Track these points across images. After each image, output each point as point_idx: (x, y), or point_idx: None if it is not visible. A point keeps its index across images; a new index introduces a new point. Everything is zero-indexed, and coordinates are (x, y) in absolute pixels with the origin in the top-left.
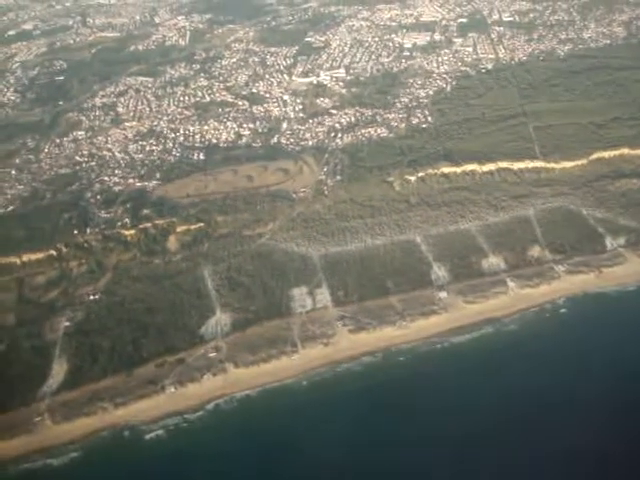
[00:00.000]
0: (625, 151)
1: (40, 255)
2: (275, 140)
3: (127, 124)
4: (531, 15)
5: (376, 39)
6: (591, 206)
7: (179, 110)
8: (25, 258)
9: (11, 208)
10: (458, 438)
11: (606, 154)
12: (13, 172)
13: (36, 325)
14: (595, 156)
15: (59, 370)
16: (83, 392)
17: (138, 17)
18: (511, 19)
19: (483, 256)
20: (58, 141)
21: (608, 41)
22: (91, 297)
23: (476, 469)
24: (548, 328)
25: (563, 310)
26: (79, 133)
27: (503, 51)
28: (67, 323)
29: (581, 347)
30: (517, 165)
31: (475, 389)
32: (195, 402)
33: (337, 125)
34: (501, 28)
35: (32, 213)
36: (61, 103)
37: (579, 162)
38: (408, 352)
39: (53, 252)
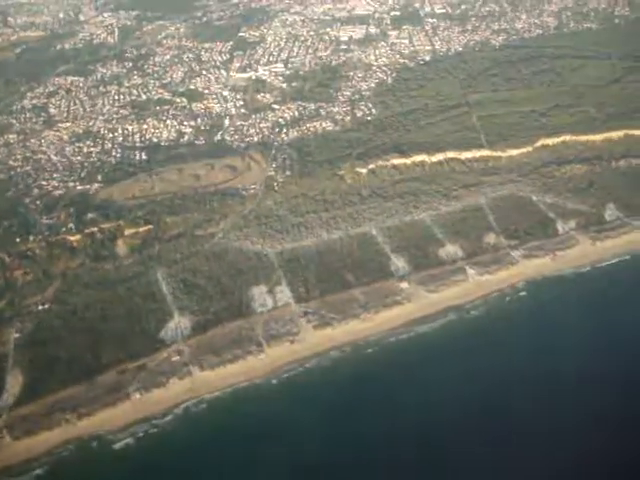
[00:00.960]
0: (567, 138)
1: None
2: (219, 137)
3: (61, 125)
4: (463, 7)
5: (311, 33)
6: (540, 192)
7: (115, 109)
8: None
9: None
10: (433, 427)
11: (550, 141)
12: None
13: None
14: (539, 143)
15: (14, 383)
16: (42, 404)
17: (62, 15)
18: (443, 11)
19: (440, 245)
20: None
21: (540, 31)
22: (40, 307)
23: (450, 458)
24: (511, 312)
25: (523, 293)
26: (10, 137)
27: (439, 43)
28: (17, 334)
29: (545, 328)
30: (465, 155)
31: (444, 377)
32: (163, 407)
33: (281, 120)
34: (434, 20)
35: None
36: None
37: (524, 150)
38: (375, 344)
39: None
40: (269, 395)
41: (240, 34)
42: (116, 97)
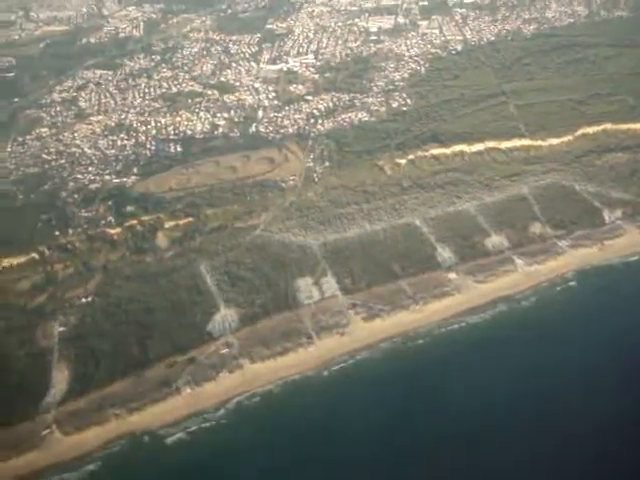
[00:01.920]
0: (608, 126)
1: (21, 259)
2: (253, 129)
3: (93, 119)
4: None
5: (339, 24)
6: (583, 181)
7: (146, 102)
8: (5, 263)
9: None
10: (495, 417)
11: (590, 130)
12: None
13: (26, 332)
14: (580, 132)
15: (61, 378)
16: (91, 399)
17: (84, 9)
18: (472, 1)
19: (486, 236)
20: (21, 139)
21: (571, 20)
22: (83, 300)
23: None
24: (561, 302)
25: (572, 283)
26: (42, 130)
27: (470, 32)
28: (61, 328)
29: (597, 317)
30: (505, 144)
31: (499, 368)
32: (215, 401)
33: (315, 111)
34: (464, 10)
35: (5, 215)
36: (16, 100)
37: (565, 139)
38: (426, 335)
39: (35, 255)
40: (321, 388)
41: (267, 26)
42: (146, 90)
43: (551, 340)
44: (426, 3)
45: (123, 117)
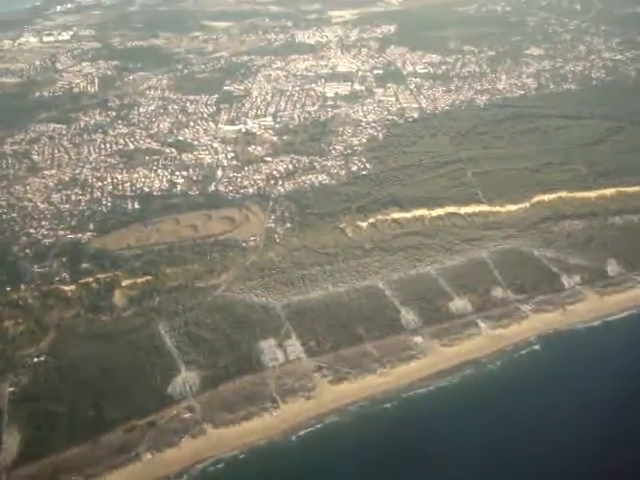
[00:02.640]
0: (563, 194)
1: None
2: (212, 188)
3: (46, 172)
4: (443, 67)
5: (297, 88)
6: (541, 247)
7: (102, 158)
8: None
9: None
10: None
11: (546, 197)
12: None
13: None
14: (536, 199)
15: (11, 442)
16: (45, 465)
17: (38, 62)
18: (425, 71)
19: (449, 299)
20: None
21: (522, 91)
22: (35, 359)
23: None
24: (527, 366)
25: (536, 347)
26: None
27: (425, 101)
28: (11, 388)
29: (564, 382)
30: (464, 209)
31: (468, 430)
32: (177, 468)
33: (275, 172)
34: (417, 79)
35: None
36: None
37: (522, 205)
38: (394, 399)
39: None
40: (289, 454)
41: (225, 87)
42: (102, 146)
43: (517, 403)
44: (381, 72)
45: (77, 172)
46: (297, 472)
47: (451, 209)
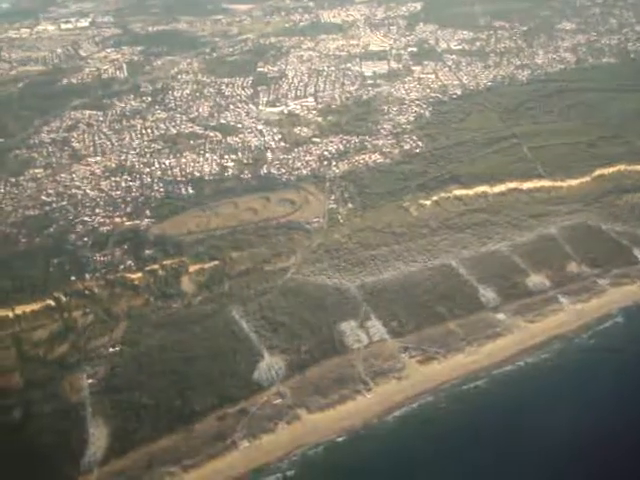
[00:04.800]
0: (622, 167)
1: (36, 307)
2: (265, 170)
3: (90, 160)
4: (477, 44)
5: (332, 68)
6: (608, 221)
7: (145, 143)
8: (18, 311)
9: None
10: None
11: (605, 171)
12: None
13: (51, 386)
14: (596, 173)
15: (99, 435)
16: (138, 457)
17: (60, 50)
18: (460, 47)
19: (525, 275)
20: (14, 180)
21: (562, 66)
22: (110, 349)
23: None
24: (613, 338)
25: (619, 320)
26: (36, 171)
27: (465, 78)
28: (90, 380)
29: None
30: (526, 185)
31: (565, 405)
32: (277, 455)
33: (326, 153)
34: (453, 56)
35: (11, 260)
36: (1, 140)
37: (583, 179)
38: (485, 377)
39: (50, 302)
40: (387, 435)
41: (258, 69)
42: (143, 131)
43: (612, 376)
44: (415, 49)
45: (123, 158)
46: (397, 453)
47: (512, 185)
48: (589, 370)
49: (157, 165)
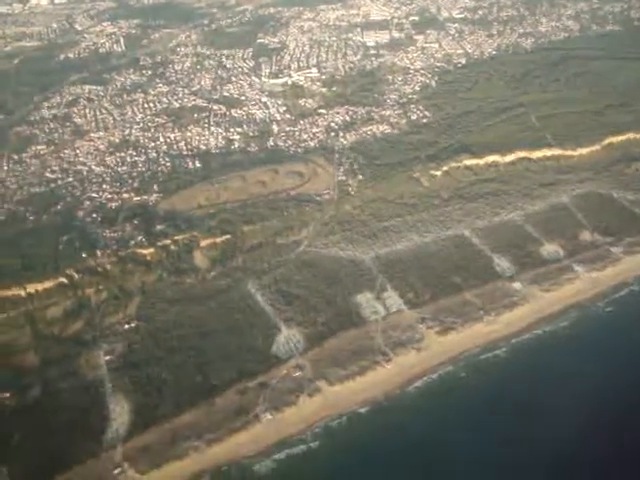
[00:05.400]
0: (631, 136)
1: (48, 284)
2: (271, 143)
3: (93, 135)
4: (480, 12)
5: (333, 38)
6: (619, 189)
7: (148, 118)
8: (30, 289)
9: None
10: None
11: (614, 139)
12: None
13: (68, 363)
14: (606, 142)
15: (120, 411)
16: (161, 433)
17: (55, 25)
18: (462, 16)
19: (539, 245)
20: (16, 157)
21: (566, 34)
22: (125, 326)
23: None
24: (630, 306)
25: (635, 288)
26: (39, 148)
27: (469, 46)
28: (107, 357)
29: None
30: (536, 154)
31: (586, 373)
32: (300, 427)
33: (333, 124)
34: (456, 25)
35: (19, 238)
36: (1, 117)
37: (592, 148)
38: (505, 346)
39: (63, 279)
40: (409, 405)
41: (258, 41)
42: (145, 105)
43: (631, 343)
44: (416, 18)
45: (127, 133)
46: (420, 424)
47: (522, 154)
48: (607, 338)
49: (162, 139)
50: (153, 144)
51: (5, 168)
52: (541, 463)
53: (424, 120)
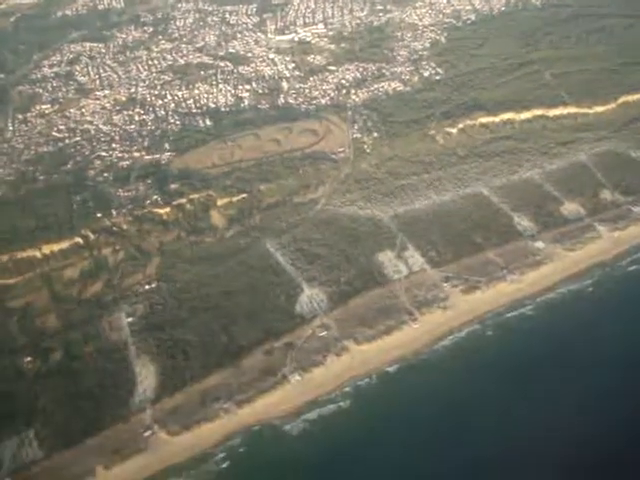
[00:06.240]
0: None
1: (63, 245)
2: (282, 100)
3: (98, 93)
4: None
5: None
6: (635, 148)
7: (154, 75)
8: (46, 250)
9: None
10: None
11: (630, 98)
12: None
13: (89, 326)
14: (622, 100)
15: (146, 373)
16: (189, 394)
17: None
18: None
19: (559, 203)
20: (21, 117)
21: None
22: (146, 287)
23: None
24: None
25: None
26: (44, 107)
27: (478, 2)
28: (129, 319)
29: None
30: (552, 112)
31: (616, 330)
32: (329, 387)
33: (344, 81)
34: None
35: (31, 198)
36: (1, 76)
37: (609, 106)
38: (532, 305)
39: (78, 240)
40: (439, 364)
41: None
42: (149, 62)
43: None
44: None
45: (133, 91)
46: (450, 382)
47: (538, 112)
48: (631, 295)
49: (169, 97)
50: (160, 102)
51: (10, 128)
52: (568, 419)
53: (436, 77)
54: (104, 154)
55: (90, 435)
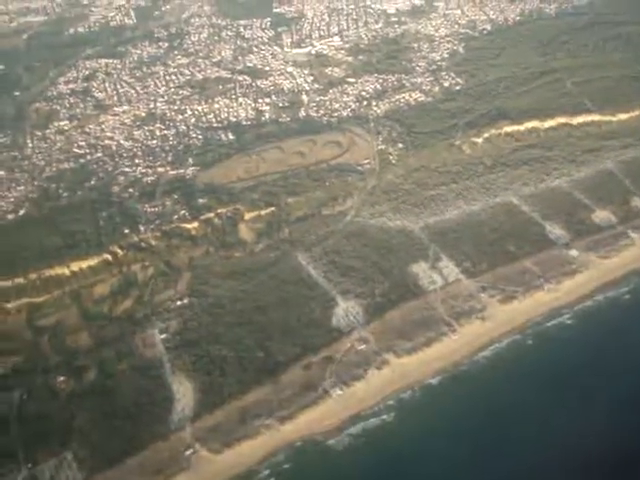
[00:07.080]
0: None
1: (92, 262)
2: (303, 113)
3: (117, 109)
4: None
5: (352, 6)
6: None
7: (172, 90)
8: (74, 267)
9: (23, 212)
10: None
11: None
12: (1, 173)
13: (122, 343)
14: None
15: (184, 391)
16: (229, 411)
17: None
18: None
19: (590, 211)
20: (40, 134)
21: None
22: (178, 302)
23: None
24: None
25: None
26: (62, 123)
27: (492, 12)
28: (163, 335)
29: None
30: (576, 120)
31: None
32: (372, 401)
33: (364, 93)
34: None
35: (56, 215)
36: (17, 93)
37: (633, 114)
38: (570, 314)
39: (107, 256)
40: (481, 375)
41: (274, 10)
42: (167, 78)
43: None
44: None
45: (152, 106)
46: (494, 393)
47: (562, 120)
48: None
49: (189, 112)
50: (181, 117)
51: (30, 145)
52: (608, 428)
53: (457, 87)
54: (127, 170)
55: (130, 455)
